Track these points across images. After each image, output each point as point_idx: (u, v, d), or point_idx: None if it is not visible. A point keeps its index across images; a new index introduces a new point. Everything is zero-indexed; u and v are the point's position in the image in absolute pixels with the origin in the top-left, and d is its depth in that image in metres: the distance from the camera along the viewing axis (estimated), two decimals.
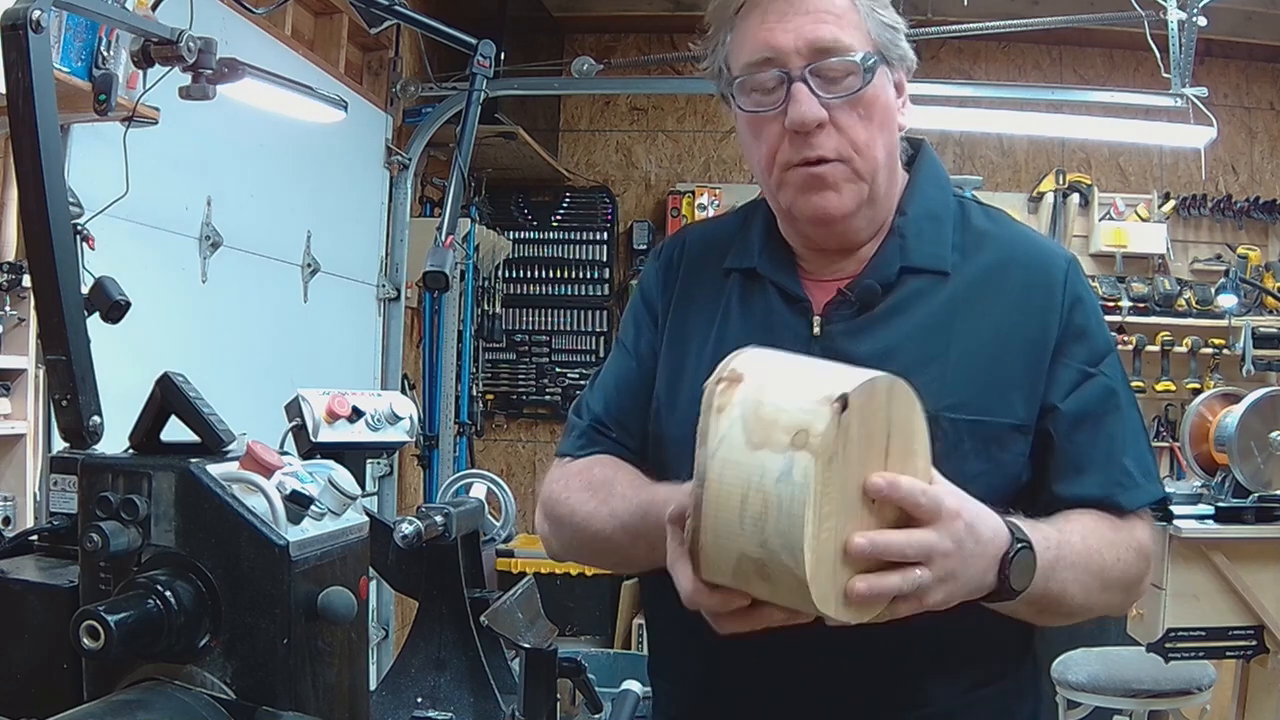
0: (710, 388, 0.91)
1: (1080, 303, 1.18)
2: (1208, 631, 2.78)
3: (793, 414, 0.87)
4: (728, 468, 0.88)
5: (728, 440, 0.88)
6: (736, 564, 0.88)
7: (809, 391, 0.88)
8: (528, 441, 5.30)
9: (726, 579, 0.90)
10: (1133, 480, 1.15)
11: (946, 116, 4.24)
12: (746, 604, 0.92)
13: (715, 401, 0.90)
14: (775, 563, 0.86)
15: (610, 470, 1.22)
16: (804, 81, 1.11)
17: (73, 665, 0.87)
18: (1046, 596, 1.05)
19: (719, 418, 0.89)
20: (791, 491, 0.85)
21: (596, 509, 1.19)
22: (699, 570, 0.91)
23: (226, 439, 0.90)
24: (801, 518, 0.84)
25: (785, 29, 1.11)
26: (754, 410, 0.88)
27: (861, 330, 1.16)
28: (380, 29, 3.82)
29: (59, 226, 0.99)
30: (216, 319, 2.98)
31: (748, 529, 0.86)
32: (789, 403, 0.88)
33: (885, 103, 1.16)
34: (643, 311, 1.32)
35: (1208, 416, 3.02)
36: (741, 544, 0.87)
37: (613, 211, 5.22)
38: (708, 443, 0.89)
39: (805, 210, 1.15)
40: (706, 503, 0.88)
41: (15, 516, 2.13)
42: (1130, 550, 1.13)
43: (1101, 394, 1.16)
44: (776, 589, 0.88)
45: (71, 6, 1.18)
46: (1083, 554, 1.08)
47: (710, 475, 0.88)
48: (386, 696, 1.47)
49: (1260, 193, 4.99)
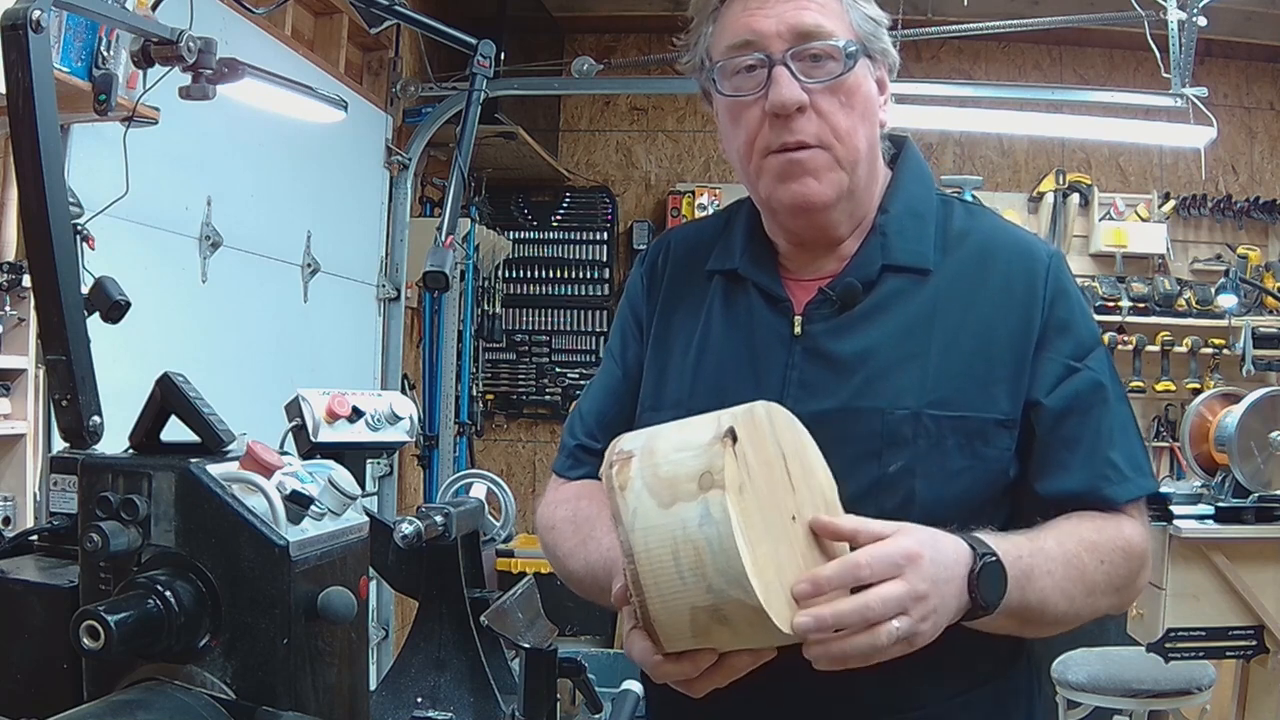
0: (605, 474, 0.94)
1: (1063, 295, 1.17)
2: (1208, 631, 2.78)
3: (690, 464, 0.90)
4: (650, 534, 0.89)
5: (640, 510, 0.90)
6: (692, 621, 0.89)
7: (695, 440, 0.91)
8: (528, 441, 5.30)
9: (687, 639, 0.91)
10: (1120, 474, 1.13)
11: (946, 116, 4.24)
12: (714, 661, 0.93)
13: (615, 483, 0.92)
14: (727, 601, 0.87)
15: (596, 507, 1.22)
16: (785, 65, 1.11)
17: (73, 665, 0.87)
18: (1026, 608, 1.03)
19: (624, 495, 0.91)
20: (717, 530, 0.87)
21: (575, 549, 1.20)
22: (659, 644, 0.92)
23: (226, 439, 0.90)
24: (735, 549, 0.86)
25: (767, 14, 1.12)
26: (653, 475, 0.91)
27: (842, 329, 1.15)
28: (380, 29, 3.81)
29: (59, 226, 0.99)
30: (216, 319, 2.98)
31: (689, 582, 0.88)
32: (681, 457, 0.91)
33: (867, 93, 1.16)
34: (629, 320, 1.32)
35: (1208, 416, 3.02)
36: (689, 599, 0.88)
37: (613, 211, 5.22)
38: (623, 520, 0.91)
39: (784, 198, 1.15)
40: (642, 575, 0.89)
41: (15, 516, 2.13)
42: (1116, 552, 1.10)
43: (1086, 388, 1.14)
44: (737, 629, 0.89)
45: (71, 6, 1.18)
46: (1060, 561, 1.06)
47: (636, 548, 0.89)
48: (386, 696, 1.47)
49: (1260, 193, 4.99)
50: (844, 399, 1.12)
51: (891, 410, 1.11)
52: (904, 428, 1.10)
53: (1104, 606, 1.12)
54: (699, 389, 1.20)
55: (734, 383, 1.17)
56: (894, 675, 1.11)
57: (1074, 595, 1.07)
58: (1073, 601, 1.07)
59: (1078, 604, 1.08)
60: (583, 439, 1.30)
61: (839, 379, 1.13)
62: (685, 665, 0.93)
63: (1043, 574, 1.04)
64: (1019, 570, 1.02)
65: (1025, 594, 1.03)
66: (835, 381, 1.13)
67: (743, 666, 0.94)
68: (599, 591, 1.17)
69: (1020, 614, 1.04)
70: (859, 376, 1.13)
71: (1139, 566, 1.14)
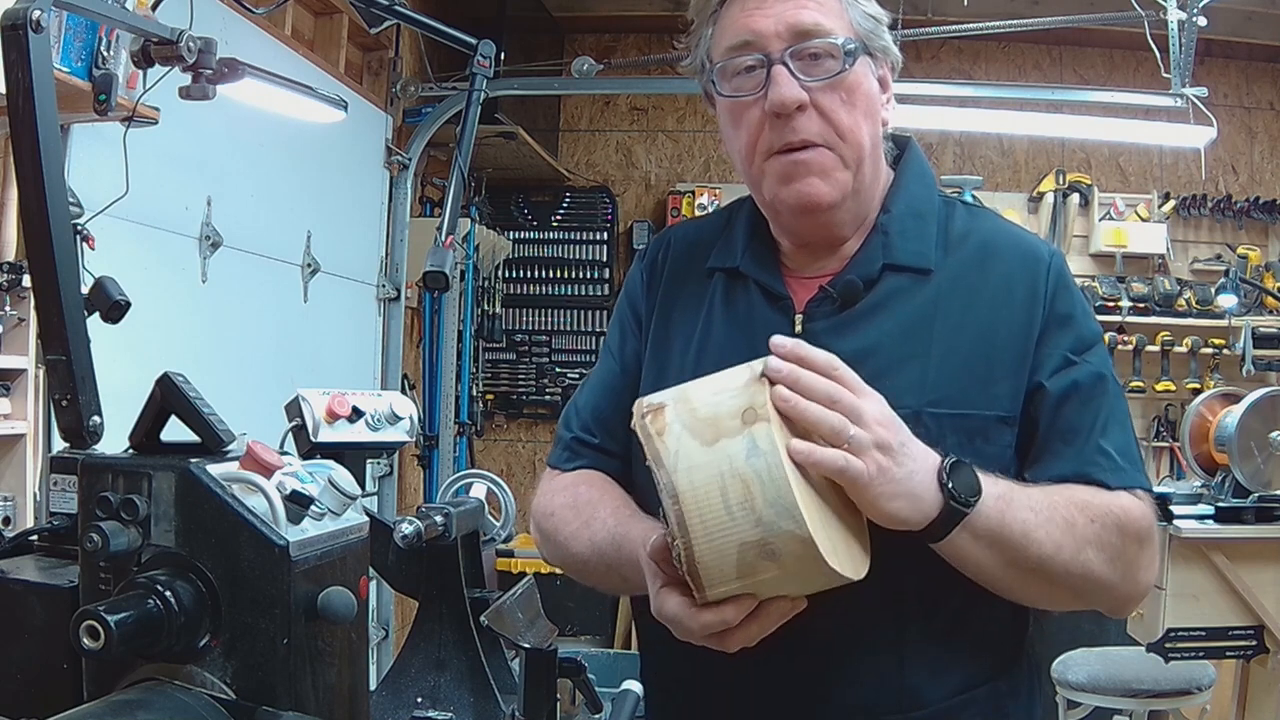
0: (639, 424, 0.94)
1: (1065, 291, 1.17)
2: (1208, 631, 2.78)
3: (730, 403, 0.91)
4: (695, 472, 0.89)
5: (682, 451, 0.90)
6: (739, 557, 0.89)
7: (731, 384, 0.93)
8: (528, 441, 5.30)
9: (731, 581, 0.90)
10: (1112, 462, 1.12)
11: (946, 116, 4.24)
12: (754, 607, 0.93)
13: (651, 429, 0.92)
14: (776, 533, 0.87)
15: (596, 491, 1.22)
16: (784, 64, 1.11)
17: (73, 665, 0.87)
18: (1007, 535, 1.01)
19: (663, 439, 0.91)
20: (766, 461, 0.88)
21: (577, 531, 1.20)
22: (701, 589, 0.91)
23: (226, 439, 0.90)
24: (785, 479, 0.87)
25: (765, 14, 1.12)
26: (691, 417, 0.91)
27: (843, 327, 1.15)
28: (380, 29, 3.82)
29: (59, 226, 0.99)
30: (216, 319, 2.98)
31: (738, 516, 0.88)
32: (720, 399, 0.92)
33: (868, 91, 1.15)
34: (627, 315, 1.32)
35: (1208, 416, 3.02)
36: (738, 534, 0.88)
37: (613, 211, 5.22)
38: (665, 461, 0.90)
39: (789, 199, 1.14)
40: (688, 515, 0.89)
41: (15, 516, 2.13)
42: (1109, 517, 1.07)
43: (1086, 380, 1.14)
44: (784, 564, 0.89)
45: (71, 6, 1.18)
46: (1044, 503, 1.04)
47: (680, 488, 0.89)
48: (386, 696, 1.47)
49: (1260, 193, 4.99)
50: None
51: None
52: None
53: (1098, 570, 1.07)
54: None
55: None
56: (896, 675, 1.11)
57: (1061, 542, 1.04)
58: (1060, 548, 1.04)
59: (1066, 553, 1.04)
60: (579, 433, 1.30)
61: None
62: (727, 610, 0.92)
63: (1024, 507, 1.03)
64: (997, 491, 1.02)
65: (1004, 518, 1.01)
66: None
67: (779, 615, 0.94)
68: (604, 571, 1.16)
69: (1000, 543, 1.02)
70: (859, 375, 1.13)
71: (1137, 544, 1.10)
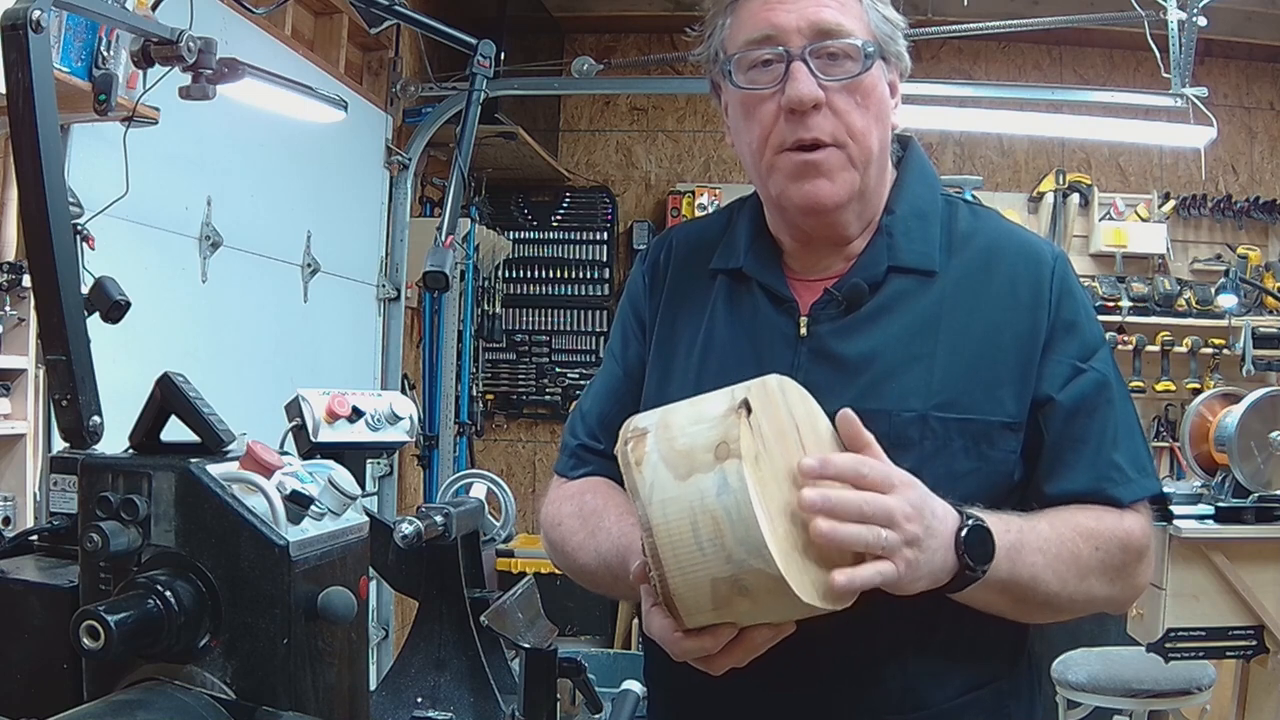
0: (621, 451, 0.94)
1: (1069, 295, 1.17)
2: (1208, 631, 2.78)
3: (705, 436, 0.91)
4: (668, 506, 0.90)
5: (657, 483, 0.90)
6: (712, 592, 0.89)
7: (709, 413, 0.92)
8: (528, 441, 5.30)
9: (708, 613, 0.91)
10: (1124, 475, 1.13)
11: (946, 116, 4.24)
12: (734, 635, 0.93)
13: (630, 458, 0.93)
14: (747, 571, 0.87)
15: (601, 500, 1.22)
16: (804, 61, 1.11)
17: (73, 665, 0.87)
18: (1016, 583, 1.03)
19: (640, 469, 0.92)
20: (735, 498, 0.87)
21: (584, 541, 1.20)
22: (679, 619, 0.92)
23: (226, 439, 0.90)
24: (754, 517, 0.86)
25: (788, 10, 1.12)
26: (669, 448, 0.92)
27: (848, 330, 1.15)
28: (380, 29, 3.82)
29: (59, 226, 0.99)
30: (216, 319, 2.98)
31: (709, 552, 0.88)
32: (697, 430, 0.92)
33: (881, 95, 1.16)
34: (630, 319, 1.32)
35: (1208, 416, 3.02)
36: (709, 570, 0.88)
37: (613, 211, 5.22)
38: (640, 493, 0.91)
39: (796, 198, 1.14)
40: (661, 547, 0.90)
41: (15, 516, 2.13)
42: (1113, 540, 1.10)
43: (1093, 389, 1.14)
44: (757, 599, 0.89)
45: (71, 6, 1.18)
46: (1052, 540, 1.06)
47: (654, 521, 0.90)
48: (386, 696, 1.47)
49: (1260, 193, 4.99)
50: (850, 400, 1.12)
51: (898, 412, 1.11)
52: (911, 430, 1.10)
53: (1100, 593, 1.11)
54: (704, 389, 1.20)
55: (739, 383, 1.17)
56: (899, 677, 1.11)
57: (1066, 577, 1.07)
58: (1065, 583, 1.07)
59: (1070, 586, 1.07)
60: (584, 439, 1.30)
61: (845, 380, 1.13)
62: (706, 640, 0.93)
63: (1033, 550, 1.04)
64: (1008, 542, 1.02)
65: (1015, 567, 1.03)
66: (841, 383, 1.13)
67: (763, 641, 0.94)
68: (612, 581, 1.17)
69: (1011, 589, 1.04)
70: (865, 378, 1.13)
71: (1137, 558, 1.13)
